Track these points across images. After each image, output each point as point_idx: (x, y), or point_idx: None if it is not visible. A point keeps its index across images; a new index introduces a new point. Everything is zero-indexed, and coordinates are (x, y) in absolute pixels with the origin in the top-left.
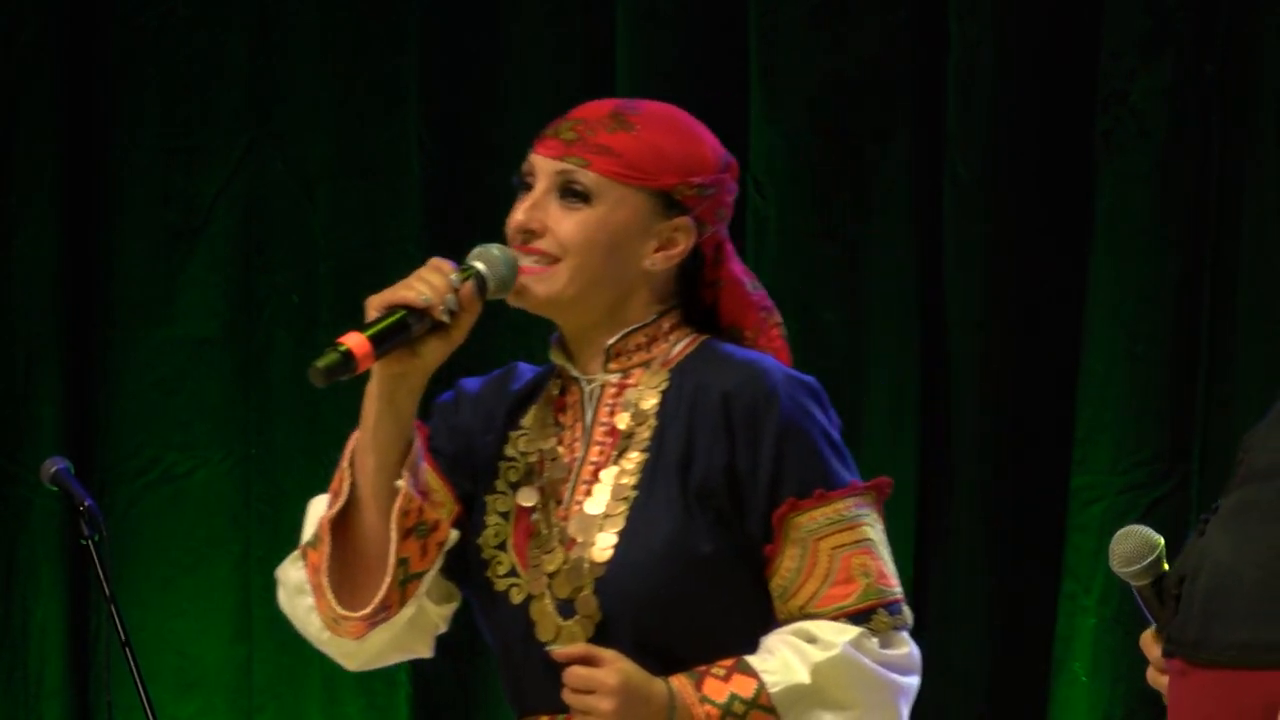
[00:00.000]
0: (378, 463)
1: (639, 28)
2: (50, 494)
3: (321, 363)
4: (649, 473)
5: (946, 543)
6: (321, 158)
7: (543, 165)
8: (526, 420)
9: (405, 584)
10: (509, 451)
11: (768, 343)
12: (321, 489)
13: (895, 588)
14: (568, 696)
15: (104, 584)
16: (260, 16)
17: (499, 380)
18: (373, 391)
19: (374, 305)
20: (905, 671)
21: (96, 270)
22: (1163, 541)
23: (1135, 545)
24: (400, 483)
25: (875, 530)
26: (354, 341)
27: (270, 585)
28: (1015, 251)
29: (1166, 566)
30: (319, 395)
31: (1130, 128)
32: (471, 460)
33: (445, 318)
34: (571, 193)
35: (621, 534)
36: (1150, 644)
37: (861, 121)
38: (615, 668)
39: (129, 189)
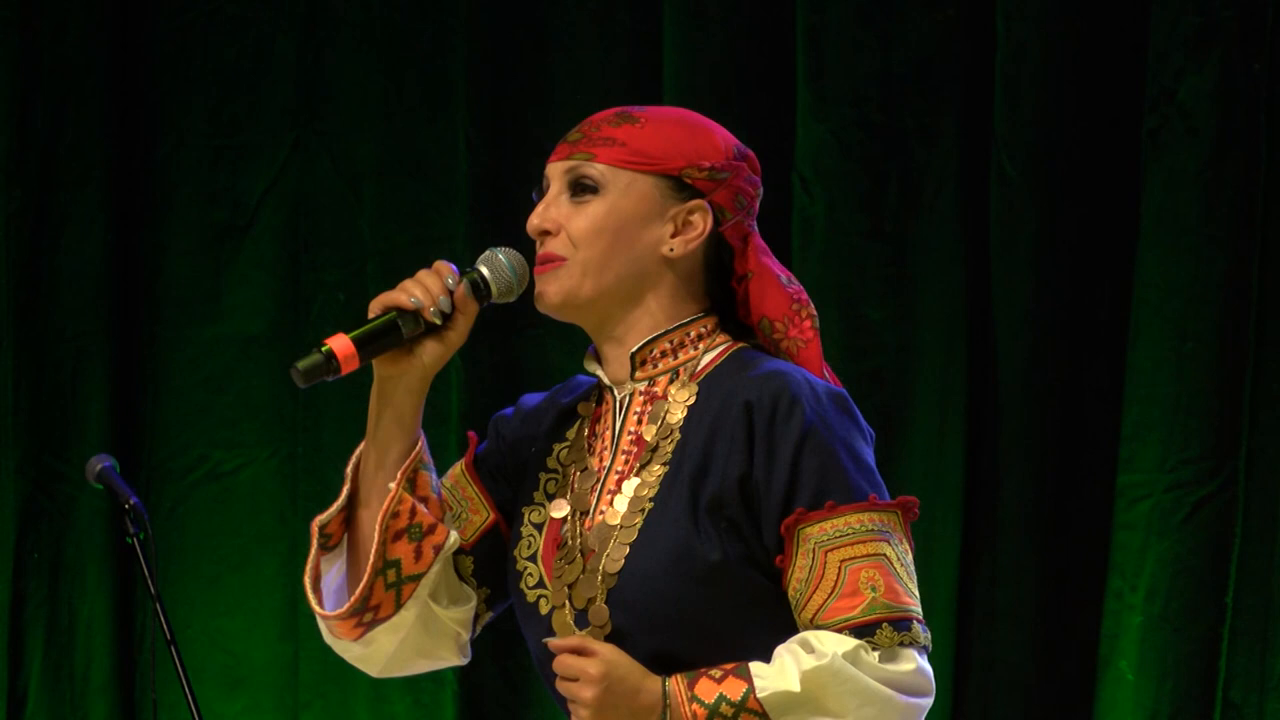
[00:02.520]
0: (376, 464)
1: (686, 26)
2: (96, 492)
3: (302, 364)
4: (666, 485)
5: (993, 539)
6: (368, 156)
7: (554, 170)
8: (571, 432)
9: (400, 586)
10: (550, 463)
11: (799, 334)
12: None
13: (907, 604)
14: (558, 684)
15: (149, 582)
16: (307, 14)
17: (555, 393)
18: (373, 394)
19: (374, 306)
20: (908, 690)
21: (143, 268)
22: None
23: None
24: (391, 484)
25: (894, 548)
26: (338, 344)
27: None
28: (1062, 250)
29: None
30: (366, 393)
31: (1177, 127)
32: (518, 472)
33: (437, 320)
34: (580, 187)
35: (633, 545)
36: None
37: (908, 120)
38: (601, 658)
39: (176, 187)
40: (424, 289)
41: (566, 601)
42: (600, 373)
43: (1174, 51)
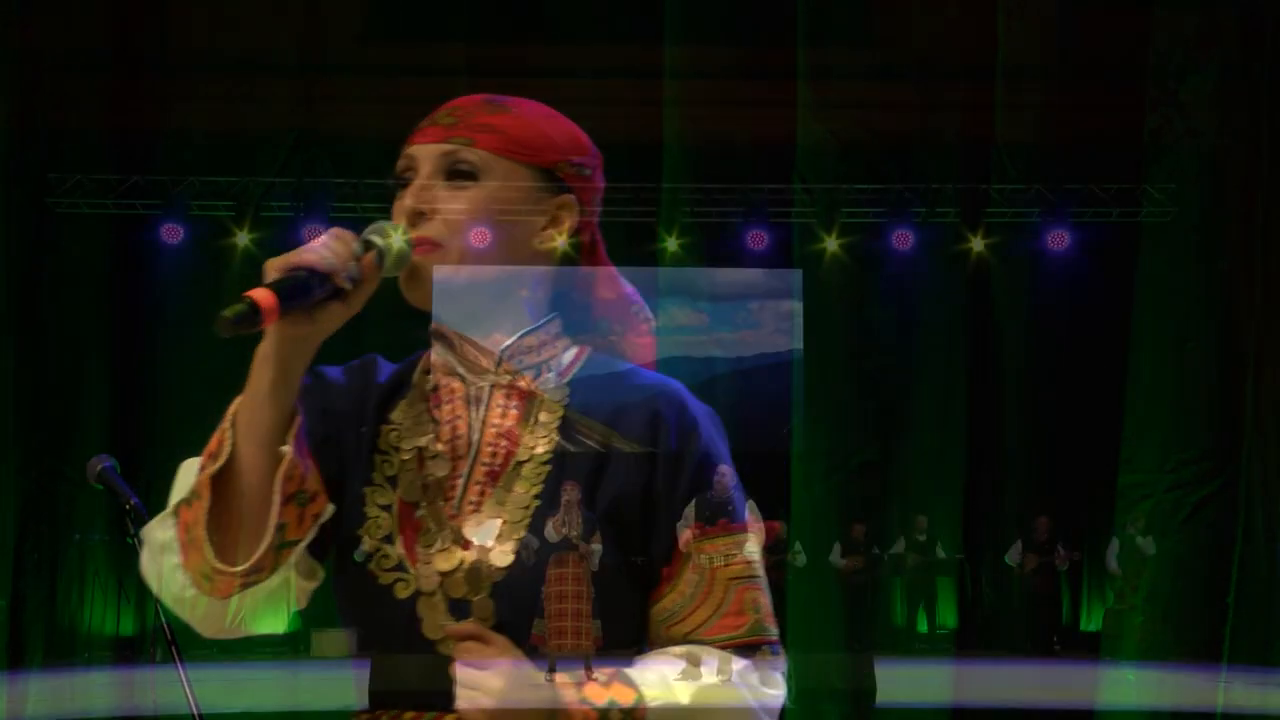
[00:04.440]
0: (265, 426)
1: (687, 27)
2: (97, 492)
3: (229, 311)
4: (552, 484)
5: (993, 539)
6: (370, 155)
7: (424, 152)
8: (396, 415)
9: (280, 550)
10: (382, 445)
11: (635, 337)
12: None
13: (776, 629)
14: (459, 668)
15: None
16: (307, 14)
17: (360, 371)
18: (265, 354)
19: (274, 266)
20: (773, 714)
21: (144, 268)
22: None
23: None
24: (285, 448)
25: (762, 569)
26: (260, 295)
27: (318, 584)
28: (1063, 250)
29: None
30: None
31: (1177, 127)
32: (341, 447)
33: (347, 285)
34: (458, 173)
35: (522, 540)
36: None
37: (909, 120)
38: (508, 648)
39: (176, 187)
40: (333, 253)
41: (438, 589)
42: (452, 359)
43: (1175, 52)
